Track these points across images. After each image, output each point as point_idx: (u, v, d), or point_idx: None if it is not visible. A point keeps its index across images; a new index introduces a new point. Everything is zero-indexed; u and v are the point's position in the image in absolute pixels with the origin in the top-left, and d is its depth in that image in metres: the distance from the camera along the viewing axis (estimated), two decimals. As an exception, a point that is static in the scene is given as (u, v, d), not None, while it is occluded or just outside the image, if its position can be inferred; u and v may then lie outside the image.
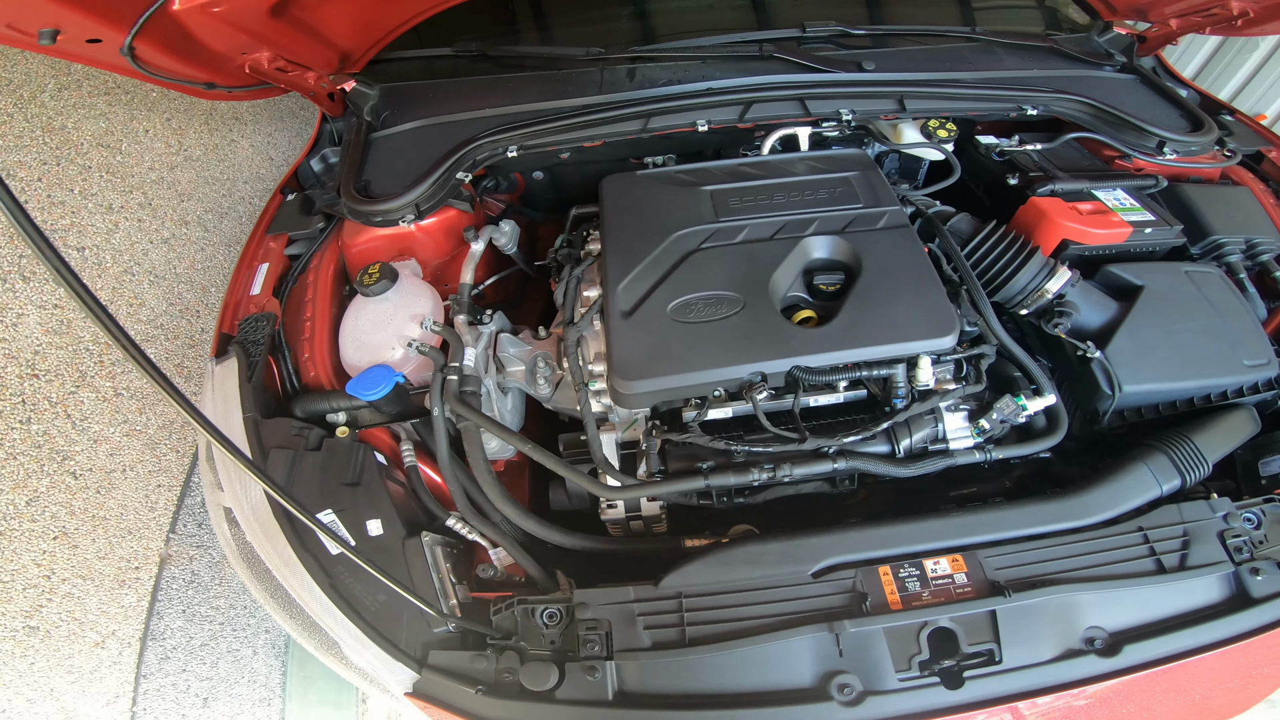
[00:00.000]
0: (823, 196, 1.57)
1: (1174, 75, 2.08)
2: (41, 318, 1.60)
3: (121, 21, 1.31)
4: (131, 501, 1.81)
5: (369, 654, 1.22)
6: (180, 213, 2.08)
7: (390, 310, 1.63)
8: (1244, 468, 1.40)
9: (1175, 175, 1.77)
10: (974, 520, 1.25)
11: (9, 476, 1.54)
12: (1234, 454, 1.41)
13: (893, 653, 1.13)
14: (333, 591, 1.25)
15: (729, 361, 1.33)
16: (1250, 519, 1.25)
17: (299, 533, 1.32)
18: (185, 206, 2.11)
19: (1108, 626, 1.15)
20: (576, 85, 1.83)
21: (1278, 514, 1.25)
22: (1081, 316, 1.48)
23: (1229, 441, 1.34)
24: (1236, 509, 1.24)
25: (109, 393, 1.74)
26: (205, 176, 2.21)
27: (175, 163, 2.11)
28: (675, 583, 1.21)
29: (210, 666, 1.94)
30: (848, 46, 1.90)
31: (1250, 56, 3.59)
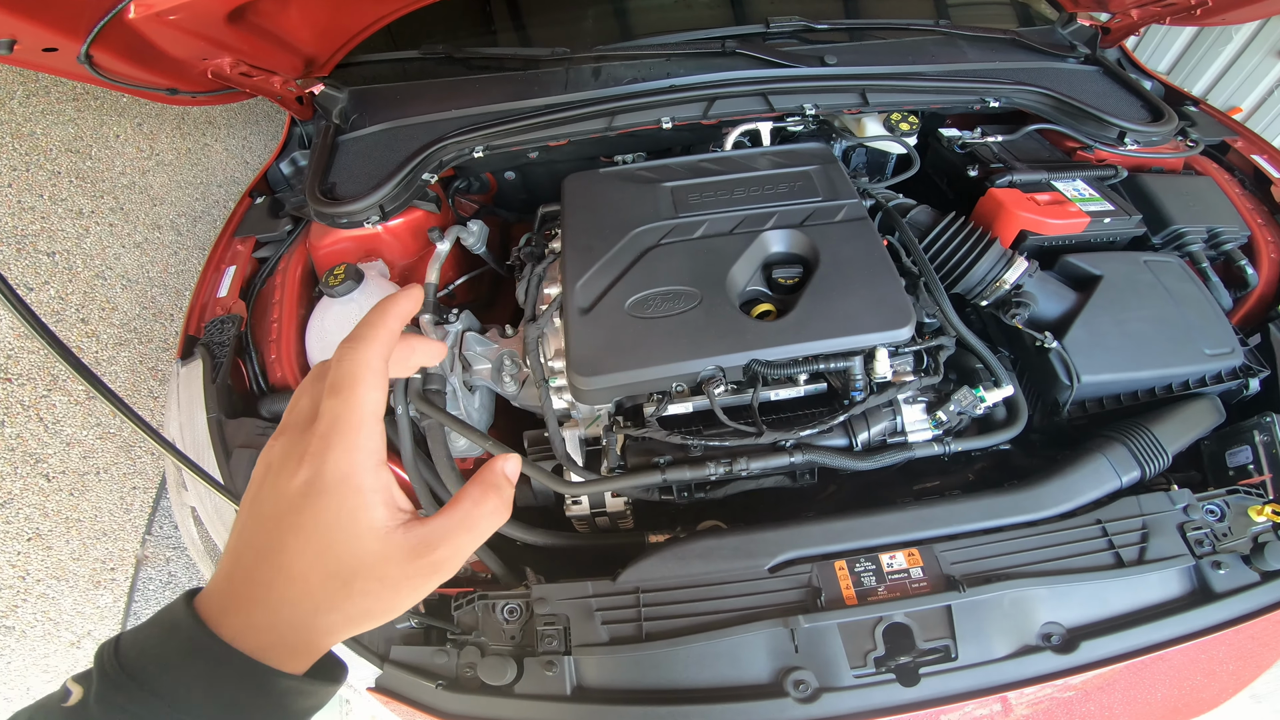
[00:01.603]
0: (782, 190, 1.49)
1: (1138, 67, 1.99)
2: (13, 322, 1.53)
3: (76, 31, 1.24)
4: (106, 504, 1.74)
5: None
6: (153, 217, 2.01)
7: (356, 311, 1.56)
8: (1210, 458, 1.32)
9: (1137, 166, 1.68)
10: (929, 514, 1.18)
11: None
12: (1200, 444, 1.33)
13: (848, 649, 1.07)
14: None
15: (685, 356, 1.26)
16: (1213, 511, 1.17)
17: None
18: (158, 211, 2.03)
19: (1065, 622, 1.07)
20: (542, 85, 1.75)
21: (1242, 505, 1.17)
22: (1040, 307, 1.40)
23: (1189, 431, 1.26)
24: (1198, 500, 1.16)
25: (81, 396, 1.68)
26: (178, 180, 2.13)
27: (147, 167, 2.04)
28: (632, 577, 1.16)
29: None
30: (812, 41, 1.82)
31: (1224, 50, 3.49)
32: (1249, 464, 1.25)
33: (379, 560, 0.46)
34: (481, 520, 0.51)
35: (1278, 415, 1.24)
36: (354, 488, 0.46)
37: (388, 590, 0.46)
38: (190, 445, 1.41)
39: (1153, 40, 3.77)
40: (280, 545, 0.45)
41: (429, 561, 0.47)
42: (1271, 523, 1.15)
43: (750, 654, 1.09)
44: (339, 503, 0.45)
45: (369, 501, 0.46)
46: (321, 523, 0.45)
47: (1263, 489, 1.21)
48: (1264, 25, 3.29)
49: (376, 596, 0.46)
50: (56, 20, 1.18)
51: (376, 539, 0.46)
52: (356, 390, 0.48)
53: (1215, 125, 1.79)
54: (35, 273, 1.64)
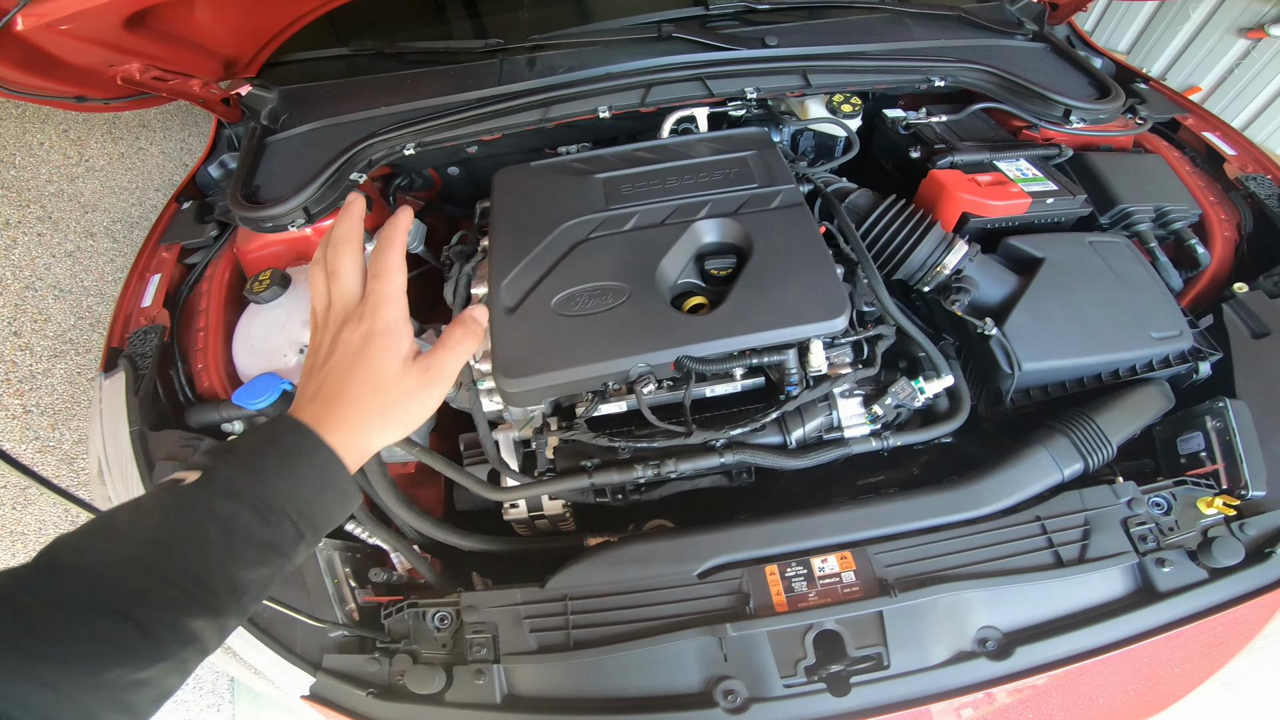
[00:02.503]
0: (717, 178, 1.38)
1: (1088, 43, 1.88)
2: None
3: None
4: (50, 516, 1.64)
5: (265, 658, 1.12)
6: (85, 224, 1.89)
7: (283, 316, 1.46)
8: (1163, 445, 1.23)
9: (1085, 144, 1.58)
10: (864, 514, 1.09)
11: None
12: (1152, 431, 1.24)
13: (777, 657, 0.99)
14: None
15: (612, 355, 1.16)
16: (1160, 504, 1.08)
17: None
18: (90, 218, 1.91)
19: (1002, 626, 0.99)
20: (476, 78, 1.64)
21: (1190, 497, 1.09)
22: (982, 292, 1.31)
23: (1136, 420, 1.17)
24: (1143, 494, 1.08)
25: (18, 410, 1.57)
26: (111, 186, 2.00)
27: (76, 174, 1.91)
28: (561, 584, 1.09)
29: None
30: (754, 23, 1.70)
31: (1182, 28, 3.36)
32: (1201, 451, 1.16)
33: (403, 378, 0.70)
34: (459, 345, 0.79)
35: (1230, 400, 1.15)
36: (395, 334, 0.72)
37: (408, 400, 0.71)
38: (114, 459, 1.32)
39: (1112, 19, 3.64)
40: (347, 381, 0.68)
41: (430, 375, 0.73)
42: (1222, 515, 1.06)
43: (681, 662, 1.02)
44: (385, 343, 0.70)
45: (401, 341, 0.72)
46: (373, 358, 0.69)
47: (1215, 478, 1.12)
48: (1222, 2, 3.16)
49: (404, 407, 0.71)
50: None
51: (403, 364, 0.71)
52: (393, 276, 0.75)
53: (1165, 103, 1.69)
54: (-41, 287, 1.55)
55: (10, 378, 1.60)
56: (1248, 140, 1.59)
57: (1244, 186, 1.48)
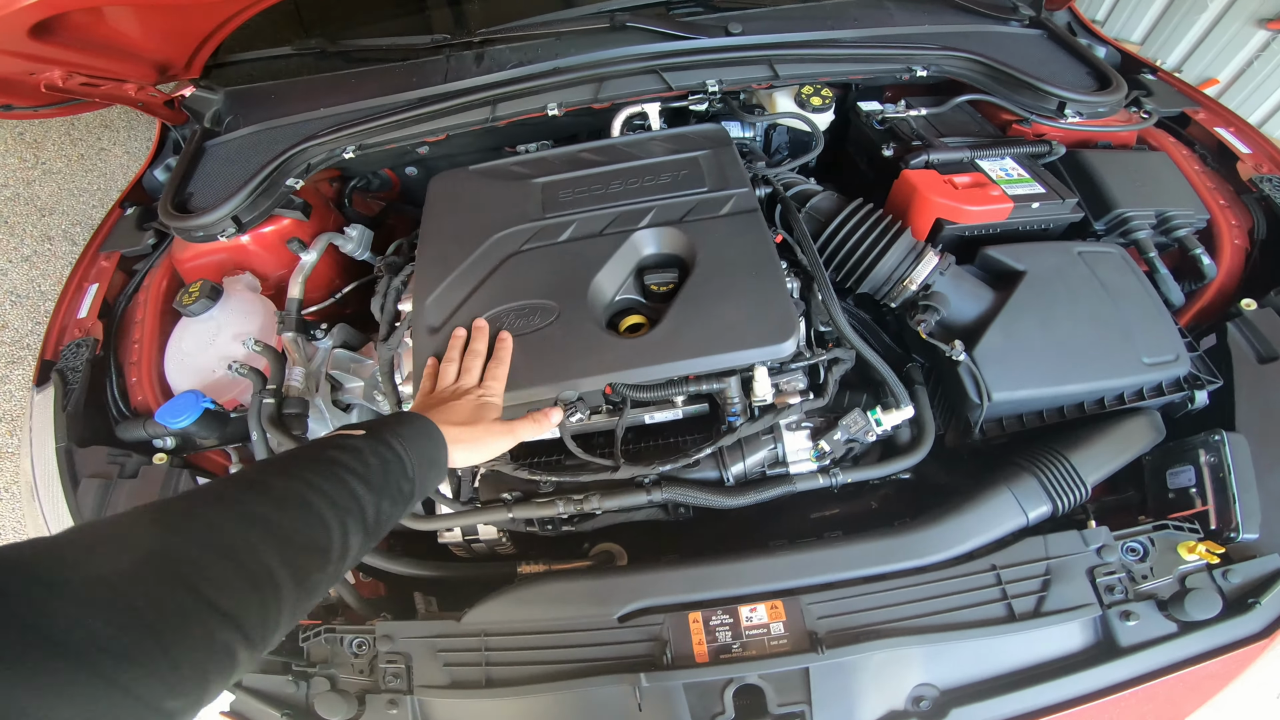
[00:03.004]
0: (665, 182, 1.29)
1: (1091, 31, 1.72)
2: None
3: None
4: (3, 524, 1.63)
5: None
6: (42, 228, 1.87)
7: (214, 329, 1.42)
8: (1152, 475, 1.11)
9: (1082, 141, 1.44)
10: (801, 560, 1.00)
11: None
12: (1142, 461, 1.13)
13: (693, 711, 0.91)
14: None
15: (537, 380, 1.08)
16: (1135, 549, 0.97)
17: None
18: (48, 221, 1.89)
19: (940, 684, 0.90)
20: (422, 75, 1.57)
21: (1170, 541, 0.97)
22: (954, 309, 1.19)
23: (1117, 456, 1.06)
24: (1117, 539, 0.97)
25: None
26: (70, 189, 1.98)
27: (32, 177, 1.89)
28: (479, 619, 1.04)
29: None
30: (719, 9, 1.60)
31: (1199, 19, 3.14)
32: (1191, 487, 1.04)
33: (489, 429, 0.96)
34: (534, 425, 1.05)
35: (1228, 434, 1.03)
36: (494, 405, 1.00)
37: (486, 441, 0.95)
38: (41, 476, 1.30)
39: (1125, 9, 3.43)
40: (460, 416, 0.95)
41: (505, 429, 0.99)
42: (1205, 562, 0.95)
43: (595, 709, 0.96)
44: (489, 409, 0.99)
45: (495, 410, 0.99)
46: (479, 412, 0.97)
47: (1203, 519, 1.01)
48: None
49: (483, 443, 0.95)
50: None
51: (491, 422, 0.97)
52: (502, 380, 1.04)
53: (1174, 95, 1.54)
54: (-87, 294, 1.53)
55: (-41, 388, 1.59)
56: (1264, 137, 1.43)
57: (1258, 189, 1.33)
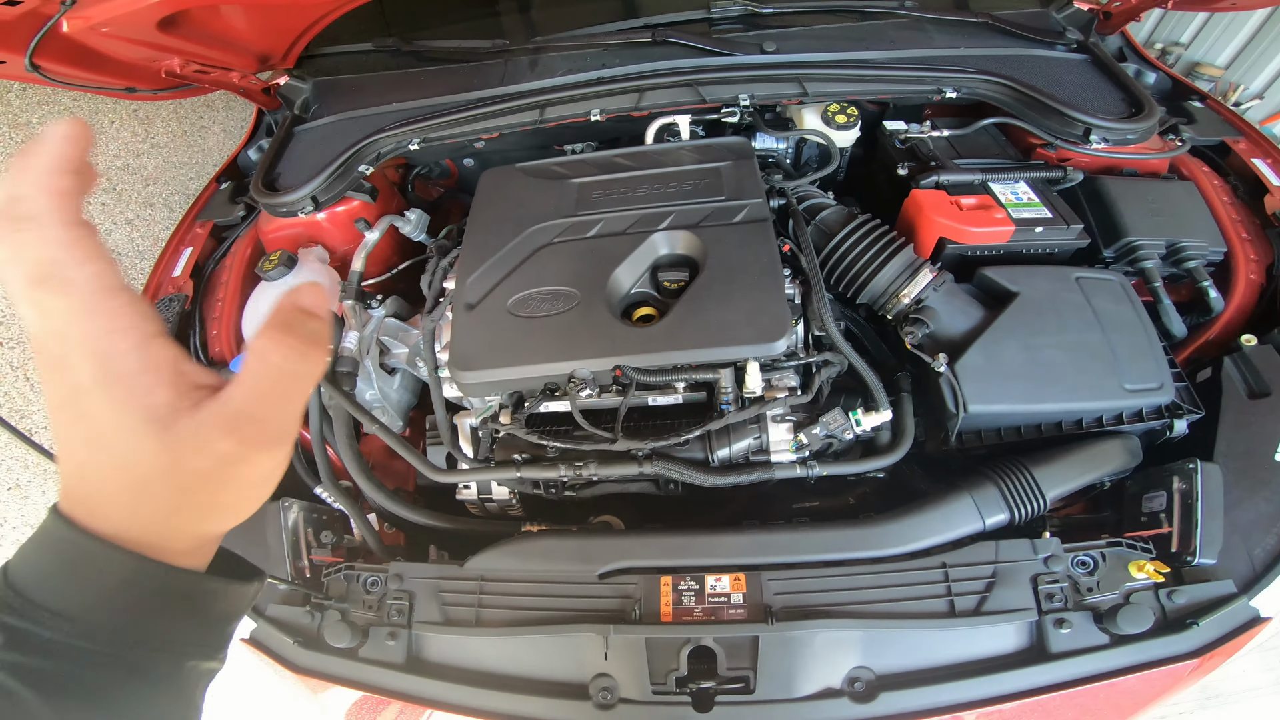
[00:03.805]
0: (686, 188, 1.43)
1: (1143, 56, 1.73)
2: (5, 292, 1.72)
3: (15, 45, 1.33)
4: None
5: None
6: (145, 196, 2.18)
7: (286, 294, 1.65)
8: (1130, 500, 1.18)
9: (1108, 166, 1.48)
10: (766, 540, 1.12)
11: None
12: (1125, 483, 1.20)
13: (651, 665, 1.05)
14: None
15: (553, 358, 1.25)
16: (1086, 562, 1.05)
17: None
18: (151, 190, 2.20)
19: (876, 669, 1.00)
20: (480, 77, 1.75)
21: (1123, 559, 1.04)
22: (944, 324, 1.28)
23: (1084, 474, 1.12)
24: (1066, 551, 1.05)
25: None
26: (172, 161, 2.29)
27: (142, 150, 2.21)
28: (478, 566, 1.21)
29: None
30: (759, 26, 1.71)
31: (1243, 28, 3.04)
32: (1161, 511, 1.11)
33: (163, 458, 0.39)
34: (281, 375, 0.42)
35: (1203, 463, 1.08)
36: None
37: (204, 487, 0.41)
38: None
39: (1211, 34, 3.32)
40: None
41: (226, 449, 0.40)
42: (1152, 581, 1.02)
43: (569, 655, 1.11)
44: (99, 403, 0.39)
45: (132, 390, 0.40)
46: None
47: (1163, 543, 1.07)
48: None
49: (195, 494, 0.41)
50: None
51: (155, 432, 0.39)
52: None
53: (1219, 124, 1.54)
54: (29, 248, 1.83)
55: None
56: (1307, 172, 1.44)
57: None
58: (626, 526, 1.38)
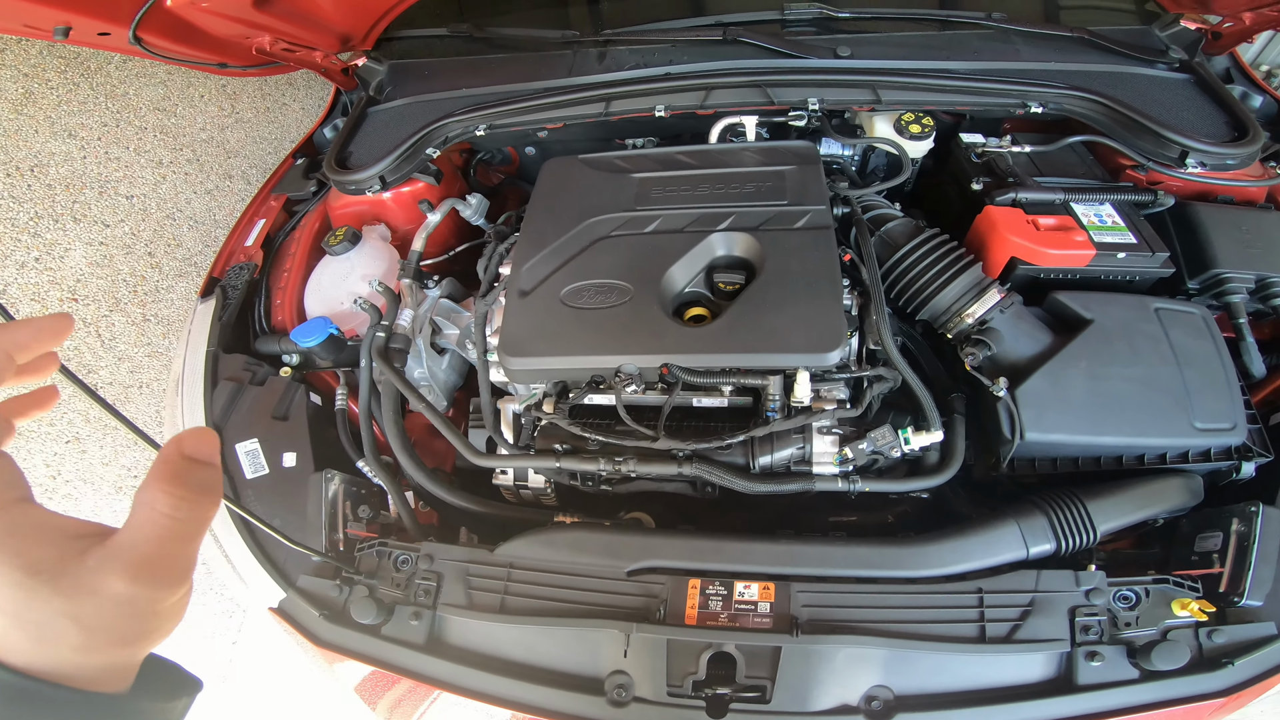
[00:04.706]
0: (748, 190, 1.46)
1: (1251, 79, 1.67)
2: (87, 252, 1.90)
3: (121, 18, 1.47)
4: (141, 416, 2.07)
5: (250, 566, 1.34)
6: (226, 168, 2.35)
7: (348, 269, 1.75)
8: (1183, 538, 1.16)
9: (1202, 192, 1.45)
10: (799, 551, 1.14)
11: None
12: (1179, 521, 1.18)
13: (670, 666, 1.08)
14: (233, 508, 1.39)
15: (602, 351, 1.30)
16: (1128, 597, 1.04)
17: (223, 454, 1.47)
18: (231, 163, 2.37)
19: (896, 689, 1.02)
20: (549, 67, 1.82)
21: (1166, 596, 1.03)
22: (1008, 347, 1.27)
23: (1137, 510, 1.11)
24: (1110, 585, 1.04)
25: (138, 318, 2.03)
26: (254, 136, 2.46)
27: (226, 124, 2.38)
28: (508, 553, 1.25)
29: None
30: (834, 30, 1.73)
31: None
32: (1214, 551, 1.09)
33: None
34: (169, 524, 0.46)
35: (1266, 507, 1.06)
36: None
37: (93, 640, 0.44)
38: (190, 374, 1.61)
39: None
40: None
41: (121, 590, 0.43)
42: (1194, 620, 1.01)
43: (589, 649, 1.14)
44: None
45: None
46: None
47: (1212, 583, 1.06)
48: None
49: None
50: (103, 10, 1.42)
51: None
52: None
53: (1334, 153, 1.49)
54: (113, 212, 2.02)
55: (138, 289, 2.06)
56: None
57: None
58: (657, 524, 1.41)
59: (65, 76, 1.97)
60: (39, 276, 1.85)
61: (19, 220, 1.80)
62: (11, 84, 1.82)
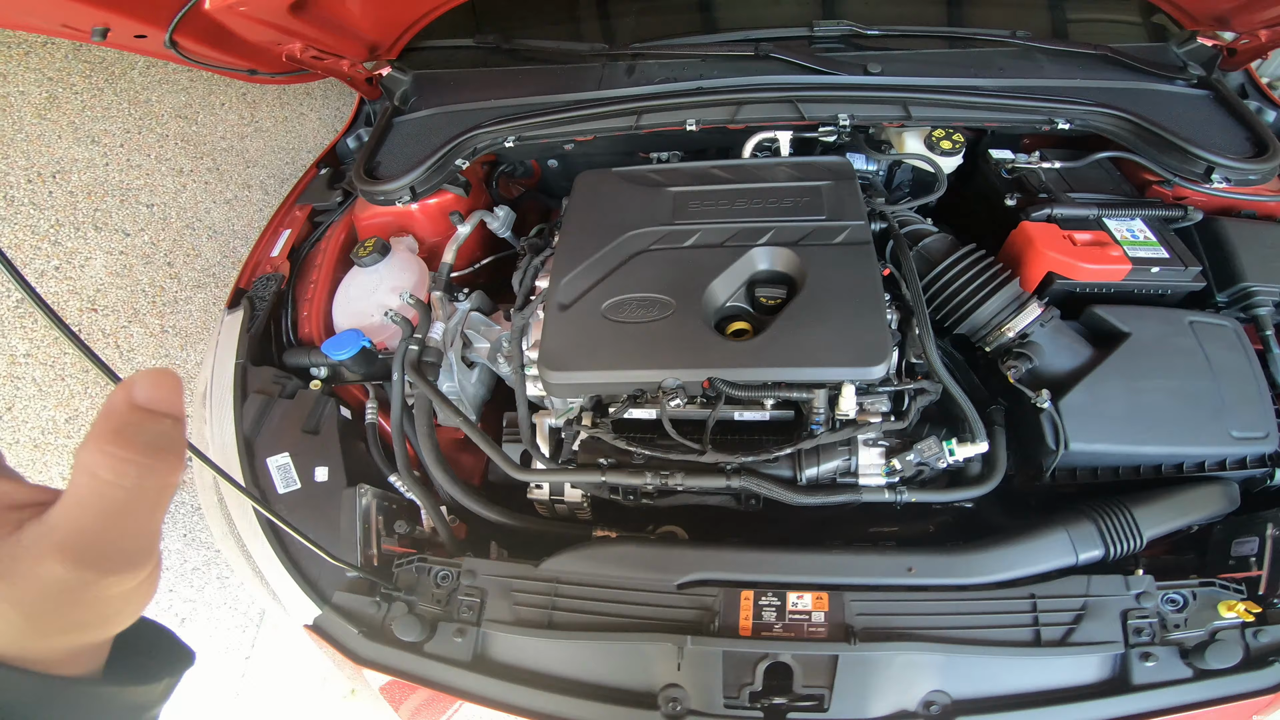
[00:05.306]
0: (786, 205, 1.51)
1: (1265, 95, 1.75)
2: (107, 261, 1.91)
3: (159, 20, 1.50)
4: None
5: (284, 583, 1.34)
6: (245, 177, 2.38)
7: (377, 281, 1.78)
8: (1216, 545, 1.22)
9: (1226, 207, 1.52)
10: (851, 561, 1.19)
11: (55, 395, 1.81)
12: (1212, 528, 1.24)
13: (726, 678, 1.11)
14: (266, 525, 1.40)
15: (645, 365, 1.33)
16: (1175, 600, 1.10)
17: (254, 470, 1.49)
18: (250, 172, 2.40)
19: (953, 693, 1.06)
20: (578, 80, 1.87)
21: (1212, 598, 1.09)
22: (1048, 361, 1.33)
23: (1180, 517, 1.17)
24: (1158, 588, 1.09)
25: (156, 329, 2.04)
26: (272, 146, 2.50)
27: (246, 133, 2.41)
28: (554, 568, 1.27)
29: (197, 590, 2.12)
30: (863, 47, 1.79)
31: None
32: (1251, 556, 1.16)
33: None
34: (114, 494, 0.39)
35: None
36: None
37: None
38: (217, 386, 1.62)
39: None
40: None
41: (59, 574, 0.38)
42: (1241, 620, 1.06)
43: (639, 663, 1.17)
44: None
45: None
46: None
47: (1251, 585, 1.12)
48: None
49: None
50: (142, 12, 1.45)
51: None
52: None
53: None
54: (134, 220, 2.04)
55: (157, 300, 2.07)
56: None
57: None
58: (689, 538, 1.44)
59: (90, 81, 1.99)
60: (59, 286, 1.86)
61: (40, 228, 1.81)
62: (36, 88, 1.84)
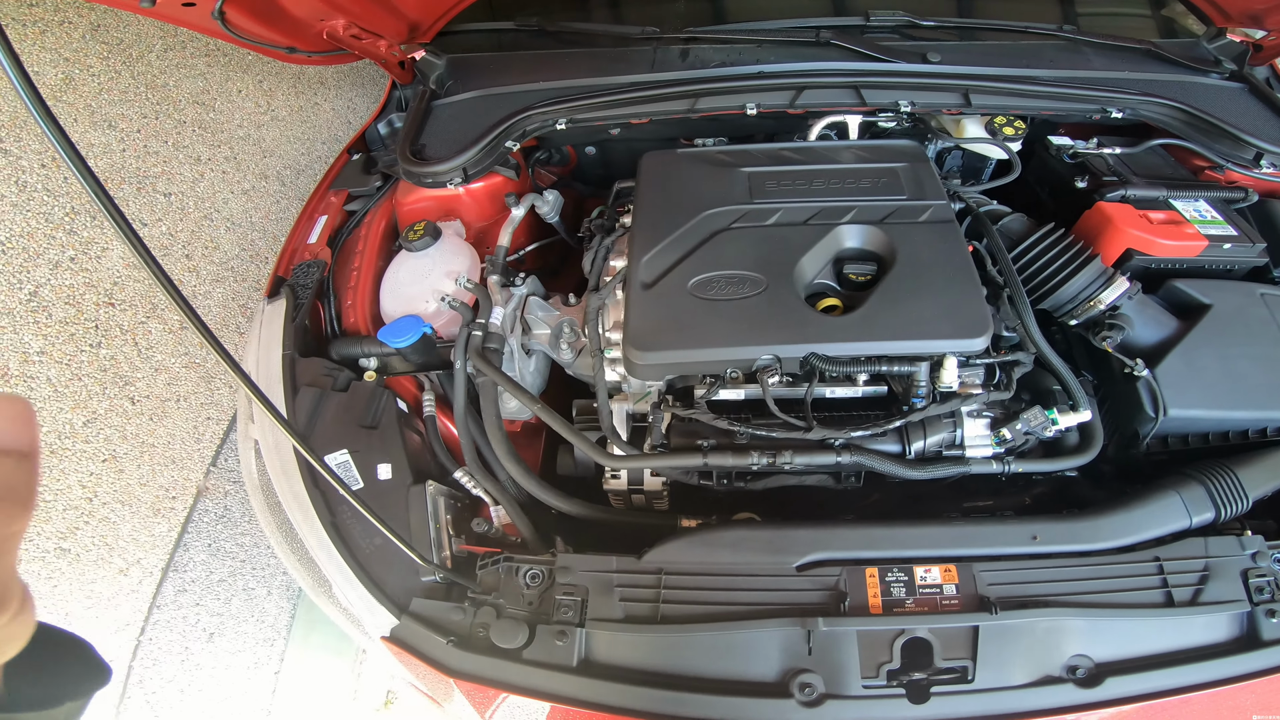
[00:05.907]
0: (865, 186, 1.54)
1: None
2: (124, 252, 1.80)
3: None
4: (180, 431, 1.98)
5: (355, 594, 1.27)
6: (262, 167, 2.30)
7: (429, 265, 1.73)
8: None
9: (1270, 191, 1.63)
10: (975, 532, 1.21)
11: (72, 396, 1.72)
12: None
13: (862, 658, 1.11)
14: (331, 529, 1.32)
15: (743, 341, 1.33)
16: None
17: (312, 470, 1.40)
18: (267, 162, 2.32)
19: (1095, 656, 1.09)
20: (629, 63, 1.88)
21: None
22: (1135, 332, 1.40)
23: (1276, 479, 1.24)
24: (1268, 548, 1.15)
25: (175, 325, 1.94)
26: (288, 135, 2.43)
27: (262, 121, 2.33)
28: (658, 558, 1.23)
29: (223, 602, 2.05)
30: (915, 38, 1.86)
31: None
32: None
33: None
34: None
35: None
36: None
37: None
38: (263, 379, 1.54)
39: None
40: None
41: None
42: None
43: (762, 651, 1.14)
44: None
45: None
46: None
47: None
48: None
49: None
50: None
51: None
52: None
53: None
54: (150, 210, 1.94)
55: (176, 295, 1.96)
56: None
57: None
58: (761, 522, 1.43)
59: (108, 63, 1.89)
60: (74, 278, 1.74)
61: (54, 215, 1.70)
62: (51, 69, 1.73)
